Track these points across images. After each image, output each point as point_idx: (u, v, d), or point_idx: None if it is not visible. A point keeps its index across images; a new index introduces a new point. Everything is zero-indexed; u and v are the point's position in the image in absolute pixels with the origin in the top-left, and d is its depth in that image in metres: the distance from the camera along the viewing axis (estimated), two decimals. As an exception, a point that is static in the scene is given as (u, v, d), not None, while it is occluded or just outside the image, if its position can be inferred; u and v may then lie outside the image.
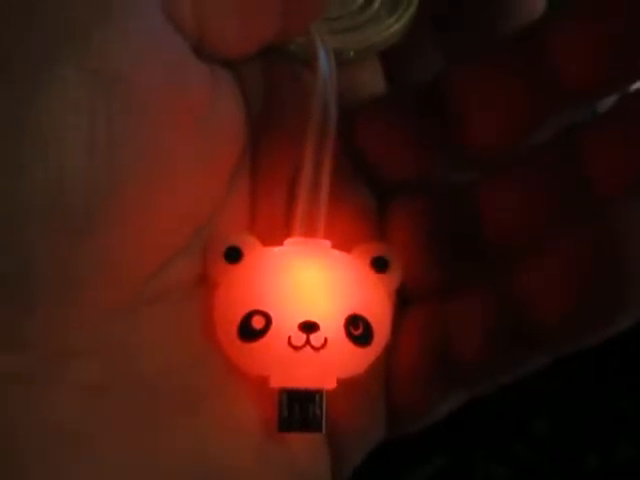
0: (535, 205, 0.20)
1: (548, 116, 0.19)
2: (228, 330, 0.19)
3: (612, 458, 0.42)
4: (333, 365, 0.19)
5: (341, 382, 0.20)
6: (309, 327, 0.19)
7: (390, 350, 0.21)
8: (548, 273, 0.19)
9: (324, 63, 0.21)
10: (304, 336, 0.19)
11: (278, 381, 0.19)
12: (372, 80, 0.23)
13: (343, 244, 0.21)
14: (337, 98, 0.21)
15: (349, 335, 0.19)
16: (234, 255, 0.20)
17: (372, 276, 0.20)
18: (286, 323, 0.19)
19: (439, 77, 0.21)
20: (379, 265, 0.21)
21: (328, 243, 0.20)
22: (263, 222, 0.21)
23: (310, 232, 0.20)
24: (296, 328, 0.19)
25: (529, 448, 0.43)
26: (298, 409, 0.19)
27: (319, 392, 0.19)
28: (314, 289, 0.19)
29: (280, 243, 0.20)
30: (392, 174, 0.22)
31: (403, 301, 0.22)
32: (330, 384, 0.20)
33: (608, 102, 0.19)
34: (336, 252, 0.20)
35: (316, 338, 0.19)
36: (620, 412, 0.43)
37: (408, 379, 0.21)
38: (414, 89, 0.21)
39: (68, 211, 0.16)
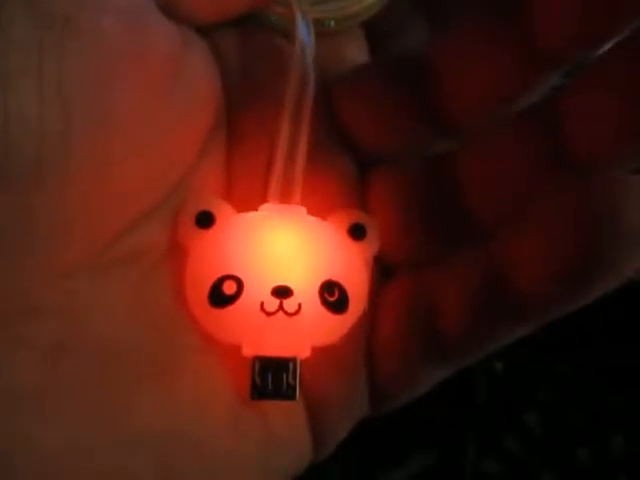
0: (516, 173, 0.19)
1: (531, 84, 0.19)
2: (199, 296, 0.19)
3: (604, 452, 0.42)
4: (307, 332, 0.19)
5: (321, 353, 0.19)
6: (282, 292, 0.18)
7: (371, 322, 0.21)
8: (530, 241, 0.18)
9: (303, 32, 0.20)
10: (277, 301, 0.18)
11: (251, 348, 0.19)
12: (355, 53, 0.22)
13: (321, 212, 0.20)
14: (315, 66, 0.21)
15: (324, 301, 0.18)
16: (206, 220, 0.19)
17: (349, 243, 0.20)
18: (258, 288, 0.18)
19: (421, 47, 0.20)
20: (356, 232, 0.20)
21: (304, 209, 0.20)
22: (239, 189, 0.21)
23: (286, 199, 0.20)
24: (269, 293, 0.18)
25: (520, 442, 0.42)
26: (271, 377, 0.18)
27: (293, 360, 0.19)
28: (288, 254, 0.19)
29: (255, 210, 0.20)
30: (372, 144, 0.21)
31: (385, 272, 0.21)
32: (304, 352, 0.19)
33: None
34: (312, 218, 0.20)
35: (289, 304, 0.18)
36: (611, 406, 0.42)
37: (390, 351, 0.20)
38: (395, 59, 0.21)
39: (14, 161, 0.16)
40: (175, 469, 0.18)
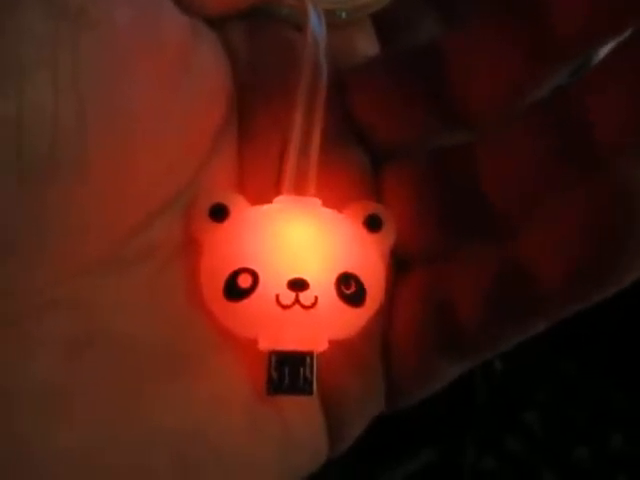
0: (530, 165, 0.19)
1: (543, 78, 0.19)
2: (214, 290, 0.18)
3: (603, 450, 0.42)
4: (324, 325, 0.18)
5: (337, 348, 0.19)
6: (298, 285, 0.18)
7: (387, 317, 0.20)
8: (551, 233, 0.18)
9: (315, 23, 0.20)
10: (293, 294, 0.18)
11: (267, 342, 0.18)
12: (366, 45, 0.22)
13: (336, 204, 0.20)
14: (328, 58, 0.20)
15: (340, 294, 0.18)
16: (219, 213, 0.19)
17: (365, 235, 0.19)
18: (274, 281, 0.18)
19: (432, 40, 0.20)
20: (372, 224, 0.19)
21: (319, 201, 0.19)
22: (252, 183, 0.20)
23: (300, 191, 0.19)
24: (284, 286, 0.18)
25: (519, 441, 0.42)
26: (288, 371, 0.18)
27: (310, 354, 0.18)
28: (303, 246, 0.18)
29: (269, 203, 0.19)
30: (386, 138, 0.21)
31: (401, 266, 0.21)
32: (321, 346, 0.18)
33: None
34: (327, 210, 0.19)
35: (306, 296, 0.18)
36: (610, 405, 0.42)
37: (406, 346, 0.20)
38: (407, 52, 0.20)
39: (28, 154, 0.15)
40: (192, 466, 0.18)
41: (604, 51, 0.18)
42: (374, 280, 0.19)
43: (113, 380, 0.17)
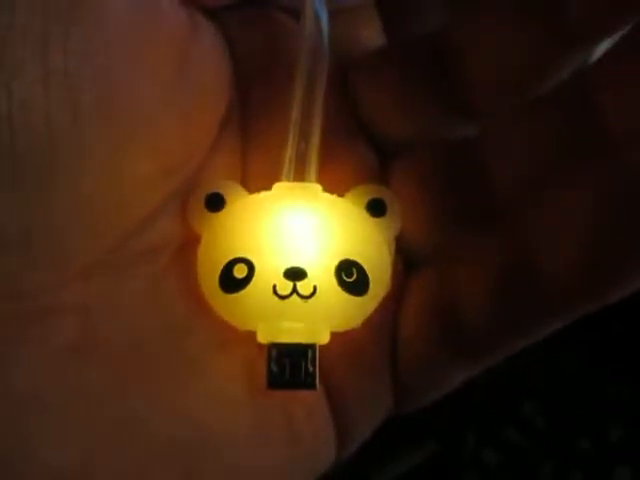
0: (544, 154, 0.17)
1: (556, 67, 0.17)
2: (210, 282, 0.17)
3: (604, 441, 0.41)
4: (325, 316, 0.17)
5: (344, 349, 0.18)
6: (295, 274, 0.16)
7: (395, 316, 0.19)
8: (561, 226, 0.17)
9: (316, 9, 0.19)
10: (290, 284, 0.16)
11: (266, 335, 0.17)
12: (371, 32, 0.21)
13: (338, 192, 0.18)
14: (329, 42, 0.19)
15: (341, 282, 0.16)
16: (216, 203, 0.18)
17: (368, 220, 0.18)
18: (270, 270, 0.16)
19: (440, 30, 0.18)
20: (375, 208, 0.18)
21: (319, 187, 0.18)
22: (255, 173, 0.19)
23: (300, 177, 0.18)
24: (281, 275, 0.16)
25: (520, 432, 0.41)
26: (289, 364, 0.17)
27: (312, 346, 0.17)
28: (301, 234, 0.17)
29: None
30: (393, 131, 0.19)
31: (408, 266, 0.19)
32: (323, 338, 0.17)
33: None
34: (327, 195, 0.18)
35: (304, 286, 0.16)
36: (611, 395, 0.41)
37: (414, 347, 0.19)
38: (414, 42, 0.19)
39: (22, 156, 0.14)
40: (196, 473, 0.17)
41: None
42: (378, 267, 0.17)
43: (112, 384, 0.16)
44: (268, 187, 0.18)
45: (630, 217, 0.16)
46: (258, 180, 0.19)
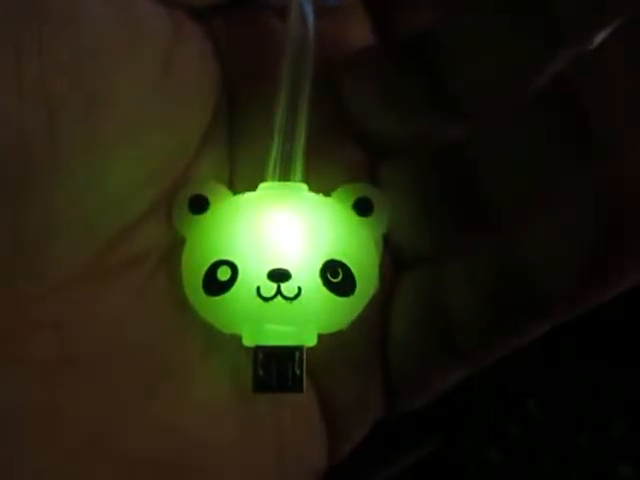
0: (531, 156, 0.17)
1: (540, 67, 0.17)
2: (194, 285, 0.16)
3: (605, 436, 0.40)
4: (311, 317, 0.16)
5: (335, 350, 0.17)
6: (279, 275, 0.16)
7: (385, 317, 0.18)
8: (550, 228, 0.16)
9: (302, 6, 0.18)
10: (274, 286, 0.16)
11: (251, 338, 0.16)
12: (359, 32, 0.20)
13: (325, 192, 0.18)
14: (316, 41, 0.18)
15: (326, 283, 0.16)
16: (200, 205, 0.17)
17: (354, 219, 0.17)
18: (253, 272, 0.16)
19: (427, 29, 0.18)
20: (362, 207, 0.17)
21: (305, 186, 0.17)
22: (242, 176, 0.18)
23: (286, 178, 0.17)
24: (265, 277, 0.16)
25: (522, 429, 0.41)
26: (275, 368, 0.16)
27: (299, 349, 0.16)
28: (285, 234, 0.16)
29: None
30: (380, 129, 0.19)
31: (399, 266, 0.19)
32: (310, 340, 0.16)
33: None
34: (312, 195, 0.17)
35: (288, 288, 0.16)
36: (611, 391, 0.40)
37: (406, 347, 0.18)
38: (402, 41, 0.18)
39: None
40: None
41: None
42: (364, 267, 0.17)
43: (97, 397, 0.16)
44: (254, 188, 0.17)
45: (619, 218, 0.16)
46: (245, 181, 0.18)
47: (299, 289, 0.16)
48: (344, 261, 0.16)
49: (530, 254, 0.17)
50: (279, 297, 0.16)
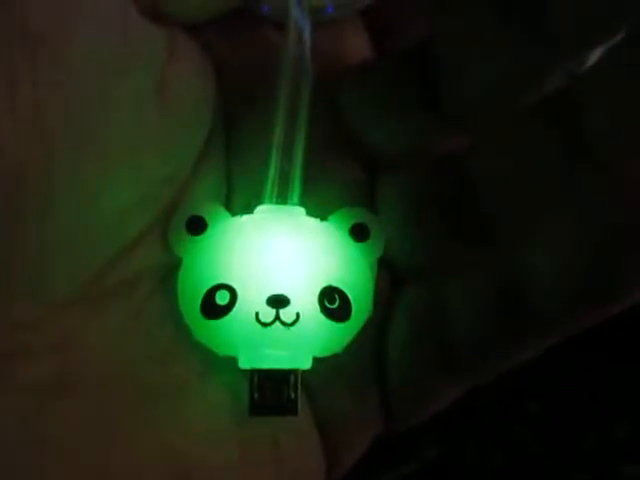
0: (531, 171, 0.17)
1: (544, 81, 0.17)
2: (191, 308, 0.16)
3: (608, 438, 0.40)
4: (307, 343, 0.16)
5: (330, 371, 0.17)
6: (278, 301, 0.16)
7: (383, 335, 0.18)
8: (551, 247, 0.16)
9: (298, 20, 0.18)
10: (273, 311, 0.16)
11: (248, 361, 0.16)
12: (357, 44, 0.20)
13: (322, 214, 0.18)
14: (314, 55, 0.18)
15: (324, 309, 0.16)
16: (197, 226, 0.17)
17: (350, 245, 0.17)
18: (252, 298, 0.16)
19: (425, 42, 0.18)
20: (358, 233, 0.17)
21: (302, 210, 0.17)
22: (240, 195, 0.18)
23: (283, 199, 0.17)
24: (264, 303, 0.16)
25: (524, 431, 0.41)
26: (270, 391, 0.16)
27: (294, 372, 0.16)
28: (284, 260, 0.16)
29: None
30: (379, 145, 0.19)
31: (396, 282, 0.19)
32: (305, 364, 0.17)
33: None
34: (310, 219, 0.17)
35: (286, 313, 0.16)
36: (614, 392, 0.40)
37: (402, 366, 0.18)
38: (400, 55, 0.18)
39: None
40: None
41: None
42: (360, 293, 0.17)
43: (92, 421, 0.16)
44: (252, 208, 0.17)
45: (619, 233, 0.15)
46: (243, 198, 0.18)
47: (297, 315, 0.16)
48: (341, 287, 0.16)
49: (530, 270, 0.16)
50: (277, 322, 0.16)
